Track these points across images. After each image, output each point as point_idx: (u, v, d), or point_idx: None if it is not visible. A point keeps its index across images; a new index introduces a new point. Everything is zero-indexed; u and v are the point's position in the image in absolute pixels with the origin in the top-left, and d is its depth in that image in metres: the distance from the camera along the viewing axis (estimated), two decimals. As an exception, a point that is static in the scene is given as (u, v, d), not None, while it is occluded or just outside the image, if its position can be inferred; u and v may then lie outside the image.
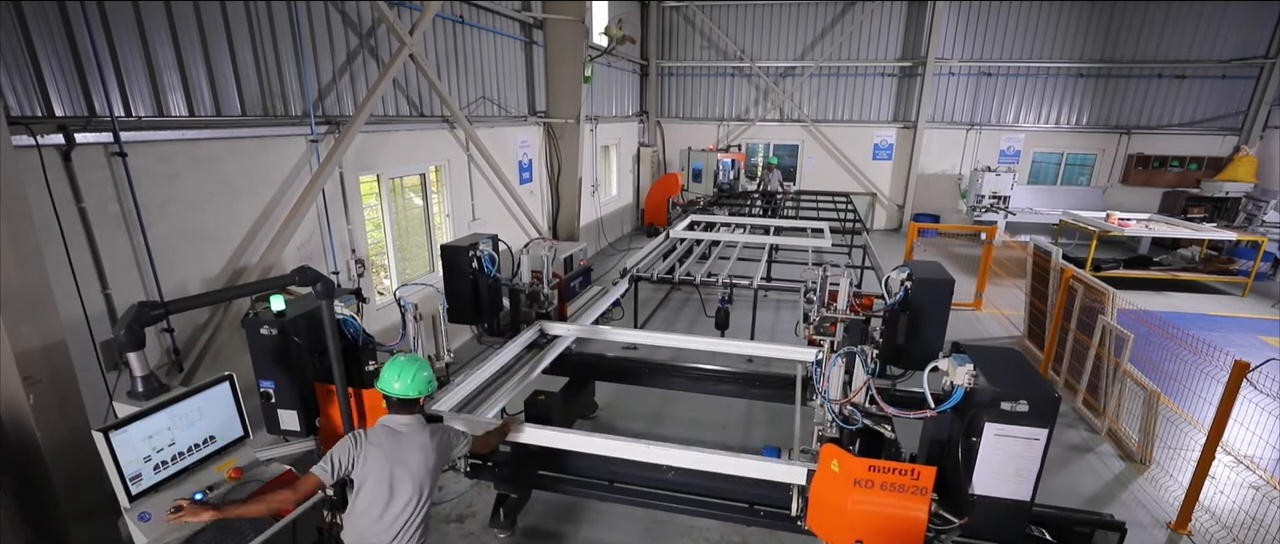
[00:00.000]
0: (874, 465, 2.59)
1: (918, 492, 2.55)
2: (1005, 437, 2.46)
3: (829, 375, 2.98)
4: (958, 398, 2.57)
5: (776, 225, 9.83)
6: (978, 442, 2.50)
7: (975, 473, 2.54)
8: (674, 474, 3.57)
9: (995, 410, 2.43)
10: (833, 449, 2.73)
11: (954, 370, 2.58)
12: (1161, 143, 13.75)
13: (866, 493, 2.61)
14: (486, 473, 3.98)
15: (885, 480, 2.58)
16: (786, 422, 5.71)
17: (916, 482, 2.55)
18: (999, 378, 2.50)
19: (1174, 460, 5.05)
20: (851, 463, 2.63)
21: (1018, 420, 2.42)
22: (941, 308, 3.57)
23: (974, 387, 2.54)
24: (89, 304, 3.54)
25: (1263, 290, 10.39)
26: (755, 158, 16.20)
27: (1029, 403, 2.40)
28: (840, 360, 2.94)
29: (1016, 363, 2.71)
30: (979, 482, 2.54)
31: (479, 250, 4.32)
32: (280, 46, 4.85)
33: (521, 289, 4.64)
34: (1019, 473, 2.50)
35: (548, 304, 4.77)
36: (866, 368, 2.89)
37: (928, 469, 2.54)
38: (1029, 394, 2.41)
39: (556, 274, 4.93)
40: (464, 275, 4.27)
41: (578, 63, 9.51)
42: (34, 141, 3.20)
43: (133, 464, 2.38)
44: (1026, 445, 2.46)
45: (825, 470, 2.74)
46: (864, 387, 2.87)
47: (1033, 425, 2.42)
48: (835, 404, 2.93)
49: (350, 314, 3.06)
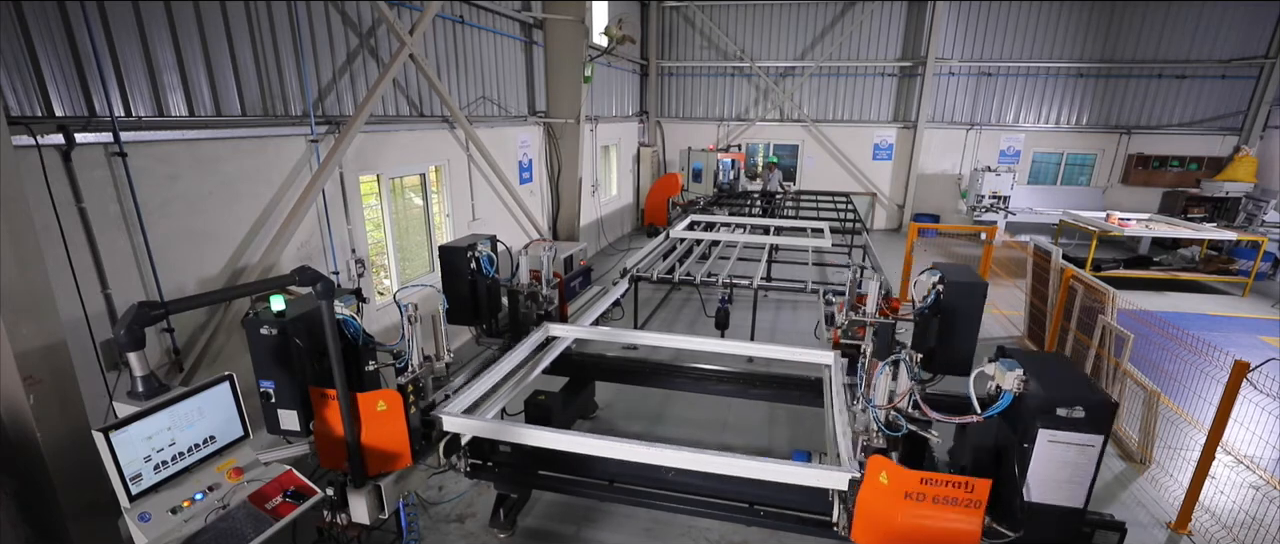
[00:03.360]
0: (927, 478, 2.50)
1: (971, 504, 2.48)
2: (1059, 443, 2.41)
3: (876, 381, 2.90)
4: (1005, 403, 2.52)
5: (776, 225, 9.83)
6: (1030, 449, 2.44)
7: (1028, 480, 2.48)
8: (673, 474, 3.57)
9: (1049, 416, 2.38)
10: (881, 460, 2.64)
11: (1002, 375, 2.53)
12: (1161, 143, 13.75)
13: (918, 506, 2.53)
14: (486, 473, 3.98)
15: (938, 493, 2.50)
16: (788, 421, 5.74)
17: (970, 494, 2.47)
18: (1051, 383, 2.45)
19: (1174, 460, 5.05)
20: (902, 475, 2.55)
21: (1073, 427, 2.38)
22: (974, 312, 3.51)
23: (1023, 392, 2.49)
24: (89, 304, 3.54)
25: (1263, 290, 10.39)
26: (755, 158, 16.20)
27: (1085, 409, 2.35)
28: (887, 367, 2.86)
29: (1065, 368, 2.65)
30: (1031, 489, 2.50)
31: (478, 251, 4.30)
32: (280, 46, 4.85)
33: (520, 290, 4.62)
34: (1073, 480, 2.46)
35: (548, 304, 4.76)
36: (911, 373, 2.84)
37: (982, 481, 2.47)
38: (1084, 400, 2.37)
39: (557, 274, 4.90)
40: (463, 276, 4.26)
41: (578, 63, 9.50)
42: (34, 141, 3.20)
43: (133, 464, 2.38)
44: (1080, 452, 2.41)
45: (873, 481, 2.65)
46: (908, 392, 2.82)
47: (1088, 432, 2.38)
48: (880, 410, 2.88)
49: (350, 314, 3.06)
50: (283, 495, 2.68)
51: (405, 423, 2.98)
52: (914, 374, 2.86)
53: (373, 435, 2.98)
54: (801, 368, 4.46)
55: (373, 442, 2.99)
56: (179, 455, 2.55)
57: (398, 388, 3.05)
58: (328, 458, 3.05)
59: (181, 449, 2.56)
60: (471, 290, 4.32)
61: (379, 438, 2.99)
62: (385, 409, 2.94)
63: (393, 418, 2.96)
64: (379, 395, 2.94)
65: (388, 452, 3.03)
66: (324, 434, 3.00)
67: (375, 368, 3.26)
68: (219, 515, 2.51)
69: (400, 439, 3.01)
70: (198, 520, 2.46)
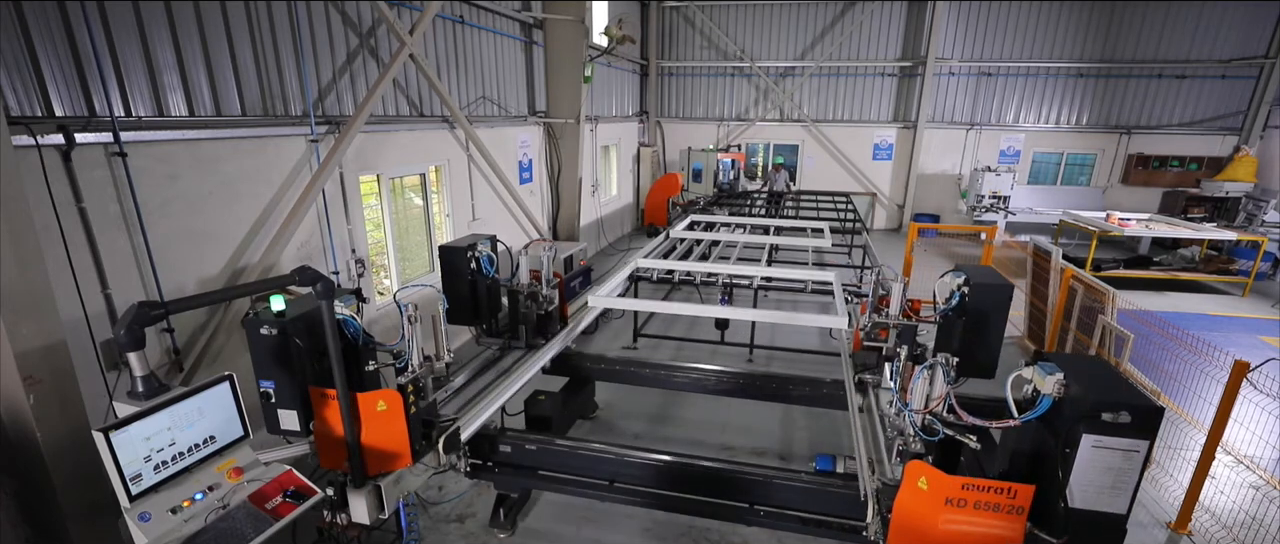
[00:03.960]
0: (968, 483, 2.47)
1: (1014, 511, 2.45)
2: (1104, 449, 2.37)
3: (912, 387, 2.87)
4: (1044, 407, 2.48)
5: (776, 225, 9.83)
6: (1072, 454, 2.40)
7: (1071, 486, 2.44)
8: (680, 472, 3.56)
9: (1094, 422, 2.34)
10: (921, 465, 2.59)
11: (1041, 380, 2.49)
12: (1161, 143, 13.75)
13: (959, 513, 2.49)
14: (486, 473, 3.98)
15: (979, 499, 2.47)
16: (789, 421, 5.73)
17: (1012, 500, 2.44)
18: (1094, 388, 2.40)
19: (1174, 460, 5.04)
20: (942, 481, 2.50)
21: (1118, 432, 2.34)
22: (1001, 315, 3.46)
23: (1063, 396, 2.46)
24: (89, 304, 3.54)
25: (1263, 290, 10.39)
26: (755, 158, 16.21)
27: (1131, 414, 2.31)
28: (924, 372, 2.82)
29: (1104, 371, 2.62)
30: (1074, 495, 2.46)
31: (478, 251, 4.31)
32: (280, 46, 4.85)
33: (520, 290, 4.62)
34: (1116, 486, 2.42)
35: (548, 305, 4.77)
36: (947, 377, 2.80)
37: (1025, 487, 2.43)
38: (1129, 405, 2.32)
39: (557, 274, 4.89)
40: (463, 276, 4.26)
41: (578, 63, 9.50)
42: (34, 141, 3.19)
43: (133, 464, 2.38)
44: (1125, 458, 2.37)
45: (911, 487, 2.59)
46: (944, 397, 2.79)
47: (1134, 438, 2.35)
48: (917, 415, 2.85)
49: (350, 314, 3.06)
50: (283, 495, 2.68)
51: (405, 423, 2.99)
52: (950, 378, 2.81)
53: (373, 435, 2.98)
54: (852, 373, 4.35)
55: (373, 441, 2.99)
56: (179, 455, 2.55)
57: (397, 388, 3.05)
58: (328, 458, 3.05)
59: (181, 449, 2.56)
60: (471, 290, 4.32)
61: (379, 438, 2.99)
62: (385, 409, 2.94)
63: (393, 418, 2.96)
64: (379, 395, 2.94)
65: (388, 451, 3.03)
66: (324, 434, 3.00)
67: (375, 368, 3.26)
68: (219, 515, 2.51)
69: (400, 439, 3.01)
70: (198, 520, 2.46)
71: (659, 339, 7.70)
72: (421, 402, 3.24)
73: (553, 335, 4.82)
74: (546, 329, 4.78)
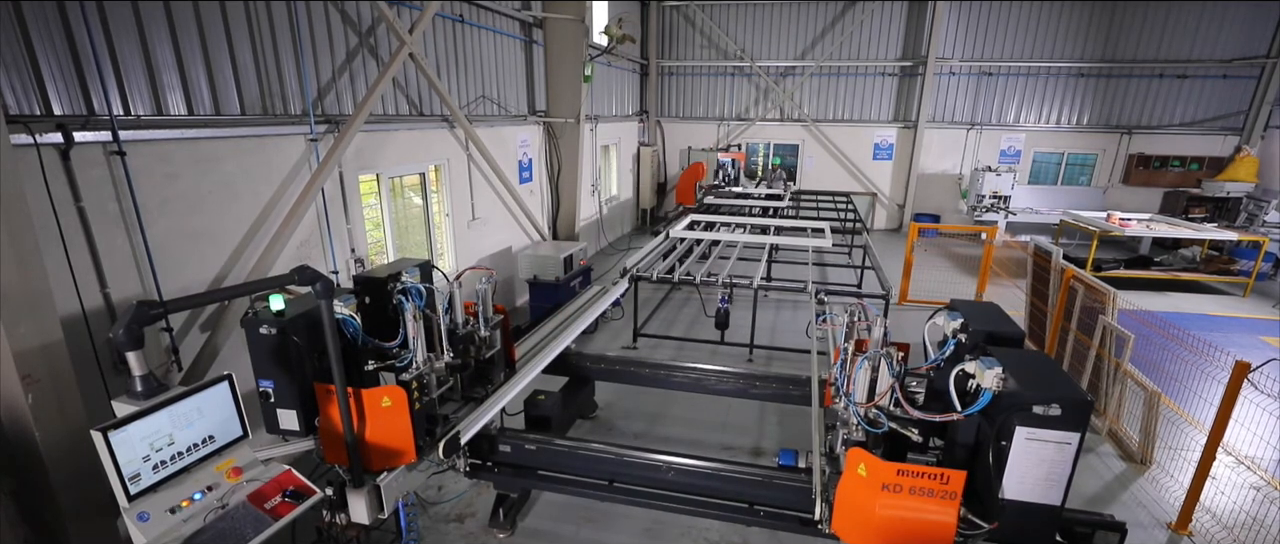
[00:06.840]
0: (903, 469, 2.55)
1: (947, 496, 2.52)
2: (1036, 441, 2.43)
3: (854, 378, 2.92)
4: (985, 401, 2.53)
5: (776, 225, 9.83)
6: (1008, 445, 2.46)
7: (1005, 477, 2.51)
8: (673, 474, 3.57)
9: (1027, 414, 2.41)
10: (860, 453, 2.68)
11: (981, 373, 2.55)
12: (1162, 143, 13.74)
13: (894, 497, 2.58)
14: (486, 473, 3.98)
15: (914, 485, 2.55)
16: (789, 420, 5.73)
17: (945, 486, 2.52)
18: (1029, 381, 2.47)
19: (1174, 461, 5.04)
20: (879, 467, 2.59)
21: (1050, 424, 2.40)
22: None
23: (1002, 390, 2.51)
24: (88, 303, 3.53)
25: (1263, 290, 10.38)
26: (755, 157, 16.21)
27: (1061, 407, 2.37)
28: (866, 363, 2.87)
29: (1045, 366, 2.67)
30: (1009, 486, 2.52)
31: (402, 282, 3.27)
32: (280, 45, 4.84)
33: (454, 329, 3.57)
34: (1049, 477, 2.48)
35: (489, 349, 3.83)
36: (892, 371, 2.85)
37: (957, 473, 2.51)
38: (1061, 398, 2.38)
39: (499, 308, 3.93)
40: (383, 313, 3.23)
41: (578, 62, 9.49)
42: (32, 140, 3.19)
43: (131, 464, 2.37)
44: (1058, 450, 2.44)
45: (852, 474, 2.69)
46: (890, 390, 2.83)
47: (1065, 430, 2.40)
48: (861, 408, 2.89)
49: (350, 314, 3.05)
50: (282, 495, 2.67)
51: (409, 419, 2.99)
52: (896, 371, 2.86)
53: (377, 432, 2.99)
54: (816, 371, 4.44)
55: (377, 438, 3.00)
56: (178, 455, 2.54)
57: (401, 384, 3.05)
58: (333, 453, 3.06)
59: (180, 449, 2.56)
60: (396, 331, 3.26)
61: (383, 434, 3.00)
62: (389, 405, 2.95)
63: (397, 414, 2.96)
64: (383, 391, 2.94)
65: (391, 448, 3.03)
66: (329, 430, 3.00)
67: (375, 367, 3.25)
68: (218, 515, 2.50)
69: (404, 435, 3.01)
70: (196, 520, 2.46)
71: (659, 339, 7.69)
72: (425, 398, 3.23)
73: (495, 386, 3.95)
74: (487, 377, 3.89)
